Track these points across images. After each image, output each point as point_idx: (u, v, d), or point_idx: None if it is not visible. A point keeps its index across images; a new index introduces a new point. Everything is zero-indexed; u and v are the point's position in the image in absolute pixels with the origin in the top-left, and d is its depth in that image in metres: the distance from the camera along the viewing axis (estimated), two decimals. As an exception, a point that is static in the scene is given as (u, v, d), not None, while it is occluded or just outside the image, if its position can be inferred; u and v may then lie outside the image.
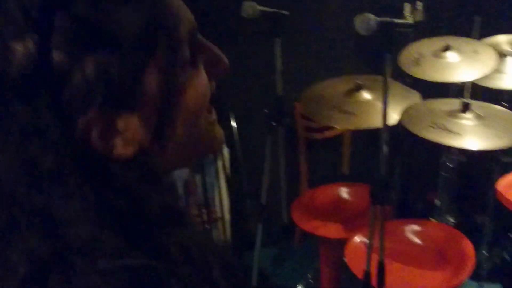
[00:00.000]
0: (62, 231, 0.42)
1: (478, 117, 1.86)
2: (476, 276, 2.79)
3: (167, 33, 0.48)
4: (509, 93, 2.41)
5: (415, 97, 2.01)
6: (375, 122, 1.89)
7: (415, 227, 1.87)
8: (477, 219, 2.76)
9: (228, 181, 2.77)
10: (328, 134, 2.63)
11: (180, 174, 2.59)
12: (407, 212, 2.66)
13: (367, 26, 1.34)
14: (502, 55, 2.24)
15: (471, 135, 1.80)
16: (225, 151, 2.80)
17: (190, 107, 0.52)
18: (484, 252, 2.78)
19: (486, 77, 2.09)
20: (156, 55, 0.48)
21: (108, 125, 0.46)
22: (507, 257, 2.86)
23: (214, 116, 0.58)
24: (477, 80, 2.14)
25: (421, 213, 2.71)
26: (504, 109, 2.00)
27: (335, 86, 2.03)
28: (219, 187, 2.72)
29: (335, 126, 2.44)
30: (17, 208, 0.42)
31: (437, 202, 2.50)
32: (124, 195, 0.45)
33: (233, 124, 2.81)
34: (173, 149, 0.52)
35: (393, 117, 1.87)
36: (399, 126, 1.91)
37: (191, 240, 0.48)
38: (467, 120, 1.85)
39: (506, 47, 2.29)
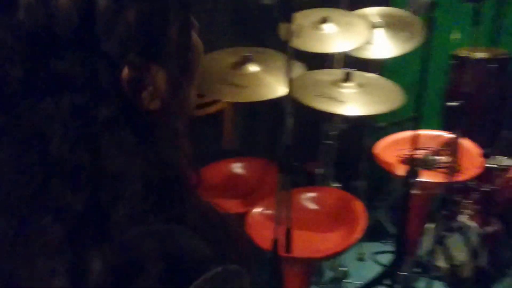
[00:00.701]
0: (108, 185, 0.45)
1: (359, 85, 1.97)
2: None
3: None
4: (377, 62, 2.60)
5: (300, 68, 2.06)
6: (265, 94, 1.91)
7: (310, 194, 1.94)
8: (355, 184, 2.97)
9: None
10: (209, 110, 2.59)
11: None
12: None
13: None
14: (372, 26, 2.39)
15: (354, 102, 1.90)
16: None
17: (197, 66, 0.58)
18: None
19: (358, 47, 2.22)
20: (178, 15, 0.52)
21: (139, 77, 0.48)
22: (381, 217, 3.11)
23: None
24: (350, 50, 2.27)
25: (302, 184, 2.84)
26: (380, 77, 2.13)
27: (221, 59, 2.00)
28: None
29: (225, 100, 2.42)
30: (62, 164, 0.44)
31: (318, 170, 2.62)
32: (156, 153, 0.49)
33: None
34: (185, 105, 0.56)
35: (283, 89, 1.90)
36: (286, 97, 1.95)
37: (206, 204, 0.54)
38: (350, 88, 1.95)
39: (374, 19, 2.44)
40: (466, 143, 2.19)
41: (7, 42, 0.44)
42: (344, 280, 2.63)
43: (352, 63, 2.38)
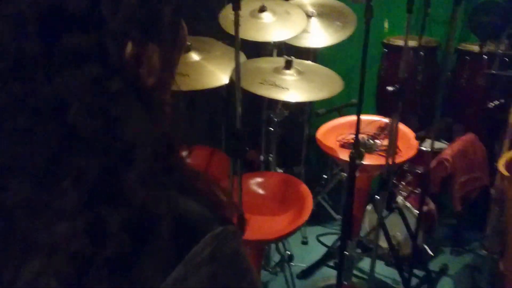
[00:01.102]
0: (119, 151, 0.49)
1: (299, 72, 2.02)
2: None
3: None
4: (314, 51, 2.67)
5: (241, 57, 2.08)
6: (207, 83, 1.93)
7: (257, 179, 1.97)
8: (297, 170, 3.04)
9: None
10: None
11: None
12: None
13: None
14: (307, 16, 2.46)
15: (296, 89, 1.95)
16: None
17: (183, 45, 0.63)
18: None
19: (294, 36, 2.27)
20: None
21: (139, 53, 0.52)
22: (322, 201, 3.21)
23: None
24: (287, 39, 2.32)
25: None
26: (318, 65, 2.20)
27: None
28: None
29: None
30: (78, 131, 0.47)
31: (261, 157, 2.66)
32: (156, 125, 0.54)
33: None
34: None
35: (225, 77, 1.92)
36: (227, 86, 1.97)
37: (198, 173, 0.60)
38: (291, 76, 2.00)
39: (309, 9, 2.50)
40: (401, 127, 2.30)
41: (24, 17, 0.48)
42: (290, 263, 2.70)
43: (289, 51, 2.43)
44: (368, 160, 2.09)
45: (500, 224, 2.36)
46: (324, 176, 3.22)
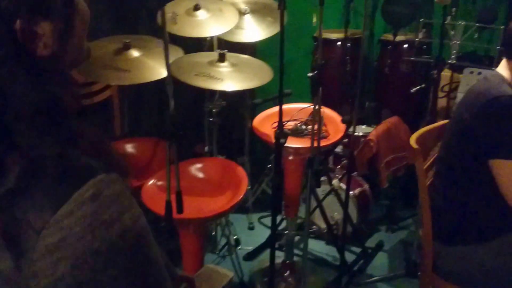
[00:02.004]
0: (8, 107, 0.63)
1: (233, 65, 2.18)
2: (243, 209, 3.27)
3: None
4: (250, 46, 2.84)
5: (178, 52, 2.22)
6: (147, 76, 2.05)
7: (197, 165, 2.12)
8: (240, 160, 3.20)
9: None
10: (96, 99, 2.67)
11: None
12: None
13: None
14: (240, 13, 2.62)
15: (229, 79, 2.11)
16: None
17: (82, 23, 0.75)
18: (248, 188, 3.24)
19: (228, 32, 2.43)
20: None
21: (32, 29, 0.66)
22: (266, 189, 3.38)
23: None
24: (222, 35, 2.48)
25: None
26: (250, 57, 2.36)
27: (104, 47, 2.10)
28: None
29: (111, 83, 2.51)
30: None
31: (206, 149, 2.81)
32: (50, 84, 0.68)
33: None
34: (71, 54, 0.74)
35: (163, 71, 2.04)
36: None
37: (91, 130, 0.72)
38: (224, 68, 2.15)
39: (243, 6, 2.67)
40: (329, 112, 2.50)
41: None
42: (237, 247, 2.86)
43: (228, 47, 2.59)
44: (299, 143, 2.28)
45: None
46: (268, 165, 3.40)
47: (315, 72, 1.85)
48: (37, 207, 0.63)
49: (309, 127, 2.39)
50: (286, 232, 2.60)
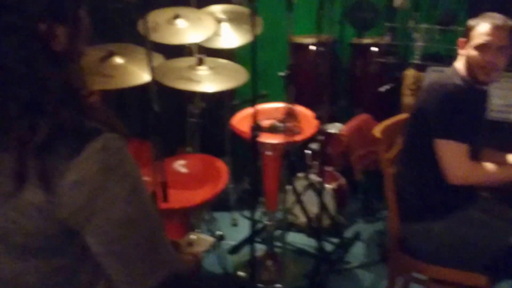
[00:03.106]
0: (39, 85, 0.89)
1: (210, 68, 2.37)
2: (227, 207, 3.43)
3: None
4: (229, 51, 3.02)
5: (159, 59, 2.39)
6: (130, 81, 2.22)
7: (180, 161, 2.29)
8: (223, 160, 3.36)
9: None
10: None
11: None
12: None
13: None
14: (218, 21, 2.81)
15: (207, 81, 2.29)
16: None
17: (85, 28, 1.00)
18: (230, 186, 3.41)
19: (207, 39, 2.62)
20: None
21: (52, 31, 0.91)
22: (247, 186, 3.56)
23: None
24: (202, 42, 2.66)
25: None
26: (226, 61, 2.55)
27: (89, 55, 2.26)
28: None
29: (97, 88, 2.66)
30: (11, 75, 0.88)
31: (189, 149, 2.98)
32: (65, 70, 0.92)
33: None
34: (78, 50, 0.98)
35: (146, 76, 2.22)
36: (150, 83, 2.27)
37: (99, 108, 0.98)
38: (203, 71, 2.34)
39: (220, 15, 2.86)
40: (303, 110, 2.68)
41: None
42: (221, 242, 3.03)
43: (209, 53, 2.77)
44: (275, 139, 2.46)
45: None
46: (249, 162, 3.56)
47: (286, 72, 2.03)
48: (61, 156, 0.87)
49: (285, 124, 2.58)
50: (266, 222, 2.76)
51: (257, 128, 1.90)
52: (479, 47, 1.92)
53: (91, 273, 1.00)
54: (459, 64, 2.02)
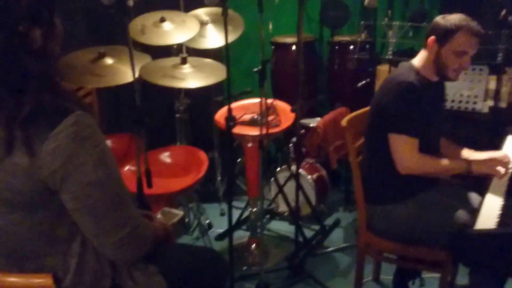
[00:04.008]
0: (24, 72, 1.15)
1: (193, 66, 2.57)
2: (216, 199, 3.64)
3: None
4: (217, 51, 3.21)
5: (146, 59, 2.60)
6: (120, 80, 2.42)
7: (165, 153, 2.50)
8: (209, 155, 3.57)
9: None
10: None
11: None
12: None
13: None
14: (203, 23, 3.01)
15: (190, 78, 2.49)
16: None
17: (58, 31, 1.22)
18: (219, 179, 3.62)
19: (193, 40, 2.82)
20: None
21: (29, 32, 1.15)
22: (237, 182, 3.76)
23: None
24: (187, 42, 2.87)
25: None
26: (208, 59, 2.75)
27: (82, 56, 2.46)
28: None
29: (89, 86, 2.88)
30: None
31: (178, 143, 3.19)
32: (41, 62, 1.17)
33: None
34: (51, 48, 1.21)
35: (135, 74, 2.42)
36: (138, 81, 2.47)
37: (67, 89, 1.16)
38: (187, 69, 2.54)
39: (204, 18, 3.06)
40: (281, 104, 2.89)
41: None
42: (209, 230, 3.24)
43: (195, 53, 2.96)
44: (255, 131, 2.66)
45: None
46: (238, 160, 3.78)
47: (260, 68, 2.23)
48: (42, 128, 1.11)
49: (265, 117, 2.78)
50: (250, 209, 2.97)
51: (231, 119, 2.10)
52: (459, 53, 2.04)
53: (68, 229, 1.23)
54: (417, 61, 2.20)
